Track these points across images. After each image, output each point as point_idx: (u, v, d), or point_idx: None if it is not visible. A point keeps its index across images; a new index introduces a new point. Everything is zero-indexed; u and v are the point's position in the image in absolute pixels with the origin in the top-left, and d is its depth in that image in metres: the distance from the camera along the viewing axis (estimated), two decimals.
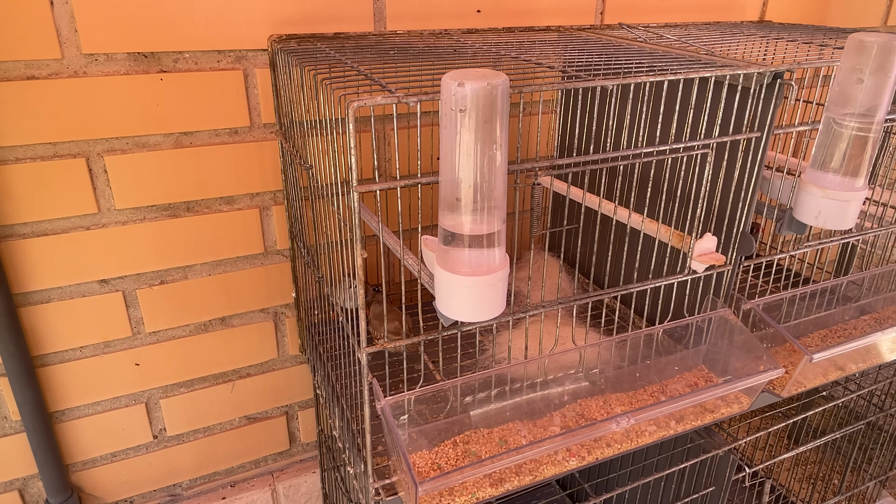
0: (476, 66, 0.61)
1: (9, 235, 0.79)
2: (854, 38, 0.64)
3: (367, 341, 0.59)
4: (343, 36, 0.84)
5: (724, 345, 0.77)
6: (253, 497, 1.08)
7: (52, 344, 0.86)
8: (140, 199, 0.84)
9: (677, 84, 0.65)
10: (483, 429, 0.68)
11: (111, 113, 0.79)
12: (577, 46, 0.79)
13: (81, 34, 0.74)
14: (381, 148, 0.95)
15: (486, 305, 0.54)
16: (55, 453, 0.90)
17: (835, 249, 1.31)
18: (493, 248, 0.52)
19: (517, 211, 1.06)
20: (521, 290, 0.89)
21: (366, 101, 0.49)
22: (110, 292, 0.87)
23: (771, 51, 0.79)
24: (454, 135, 0.47)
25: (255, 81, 0.85)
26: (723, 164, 0.70)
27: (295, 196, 0.84)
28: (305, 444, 1.13)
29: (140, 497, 1.02)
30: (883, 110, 0.65)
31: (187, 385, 0.98)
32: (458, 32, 0.90)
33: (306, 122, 0.69)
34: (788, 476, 1.34)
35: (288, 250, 0.96)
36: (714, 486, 0.88)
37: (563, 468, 0.66)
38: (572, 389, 0.73)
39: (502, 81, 0.46)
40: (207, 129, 0.85)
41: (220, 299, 0.94)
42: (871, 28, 1.32)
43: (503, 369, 0.69)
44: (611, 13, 1.05)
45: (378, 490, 0.65)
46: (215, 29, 0.80)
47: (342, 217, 0.60)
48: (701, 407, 0.74)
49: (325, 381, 0.84)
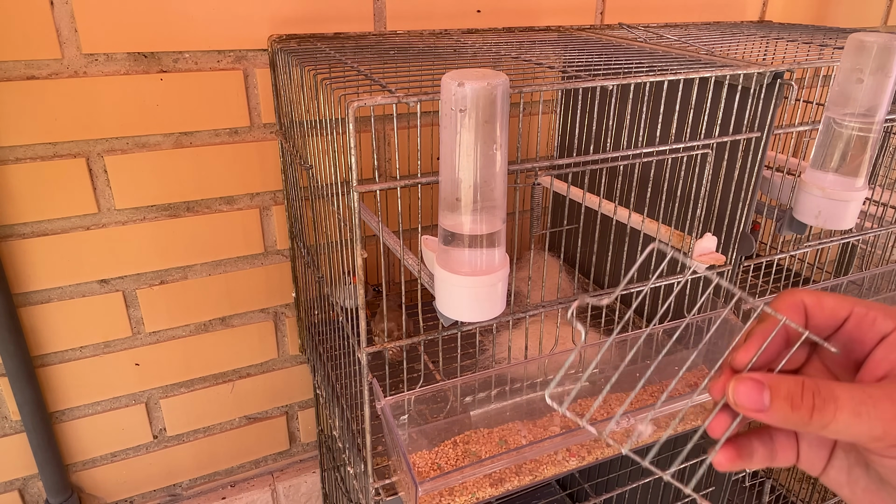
0: (476, 66, 0.61)
1: (9, 235, 0.79)
2: (854, 38, 0.64)
3: (367, 341, 0.59)
4: (343, 36, 0.84)
5: (724, 345, 0.77)
6: (253, 497, 1.08)
7: (52, 344, 0.86)
8: (140, 199, 0.84)
9: (677, 84, 0.65)
10: (483, 429, 0.68)
11: (111, 113, 0.79)
12: (577, 46, 0.79)
13: (81, 34, 0.74)
14: (381, 148, 0.95)
15: (486, 305, 0.54)
16: (55, 453, 0.90)
17: (835, 249, 1.31)
18: (493, 248, 0.52)
19: (517, 211, 1.06)
20: (521, 290, 0.89)
21: (366, 101, 0.49)
22: (110, 292, 0.87)
23: (771, 51, 0.79)
24: (454, 135, 0.47)
25: (255, 81, 0.85)
26: (723, 164, 0.70)
27: (295, 196, 0.84)
28: (305, 444, 1.13)
29: (140, 497, 1.02)
30: (883, 110, 0.65)
31: (187, 385, 0.98)
32: (458, 32, 0.90)
33: (306, 122, 0.69)
34: (788, 476, 1.34)
35: (288, 250, 0.96)
36: (714, 486, 0.88)
37: (563, 468, 0.66)
38: (572, 389, 0.73)
39: (502, 81, 0.46)
40: (207, 129, 0.85)
41: (220, 299, 0.94)
42: (871, 28, 1.32)
43: (503, 369, 0.69)
44: (611, 13, 1.05)
45: (378, 490, 0.65)
46: (215, 29, 0.80)
47: (342, 217, 0.60)
48: (701, 407, 0.74)
49: (325, 381, 0.84)
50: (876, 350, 0.30)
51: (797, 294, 0.31)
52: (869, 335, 0.30)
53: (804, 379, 0.28)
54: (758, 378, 0.28)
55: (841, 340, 0.31)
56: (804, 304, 0.31)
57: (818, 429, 0.27)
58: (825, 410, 0.27)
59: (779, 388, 0.28)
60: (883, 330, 0.30)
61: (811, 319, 0.31)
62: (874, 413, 0.26)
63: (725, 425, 0.31)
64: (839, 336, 0.31)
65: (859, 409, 0.26)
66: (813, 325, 0.31)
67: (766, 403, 0.28)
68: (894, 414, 0.26)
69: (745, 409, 0.28)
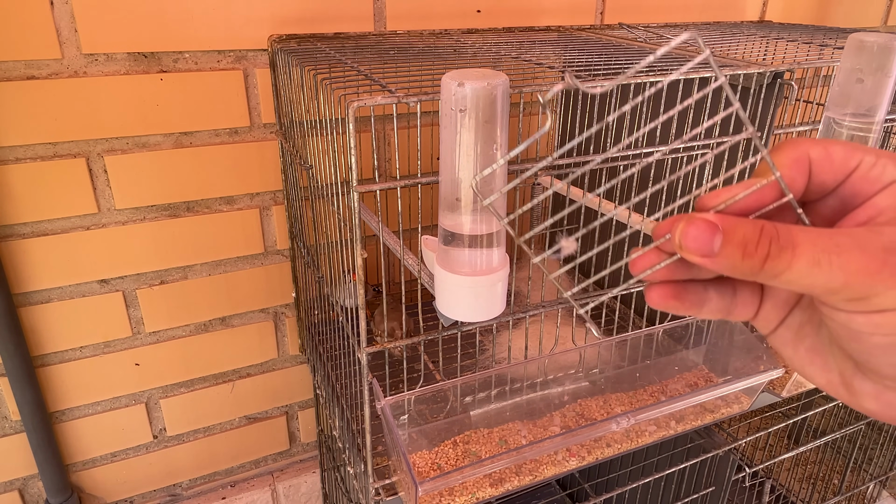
0: (476, 66, 0.61)
1: (9, 235, 0.79)
2: (854, 38, 0.64)
3: (367, 341, 0.59)
4: (343, 36, 0.84)
5: (724, 345, 0.77)
6: (253, 497, 1.08)
7: (52, 344, 0.86)
8: (140, 199, 0.84)
9: (677, 84, 0.65)
10: (483, 429, 0.68)
11: (111, 113, 0.79)
12: (577, 46, 0.79)
13: (81, 34, 0.74)
14: (381, 148, 0.95)
15: (486, 305, 0.54)
16: (55, 453, 0.90)
17: None
18: (492, 248, 0.52)
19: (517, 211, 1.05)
20: (521, 290, 0.89)
21: (366, 101, 0.49)
22: (110, 292, 0.87)
23: (771, 51, 0.79)
24: (454, 135, 0.47)
25: (255, 81, 0.85)
26: (723, 164, 0.70)
27: (295, 196, 0.84)
28: (305, 444, 1.13)
29: (140, 497, 1.02)
30: (883, 110, 0.65)
31: (187, 385, 0.98)
32: (458, 32, 0.90)
33: (306, 122, 0.69)
34: (788, 476, 1.34)
35: (288, 250, 0.96)
36: (714, 486, 0.88)
37: (563, 468, 0.66)
38: (572, 389, 0.73)
39: (502, 81, 0.46)
40: (207, 129, 0.85)
41: (220, 299, 0.94)
42: (871, 28, 1.32)
43: (503, 369, 0.69)
44: (611, 13, 1.05)
45: (378, 490, 0.65)
46: (215, 29, 0.80)
47: (342, 217, 0.60)
48: (701, 407, 0.74)
49: (325, 381, 0.84)
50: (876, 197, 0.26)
51: (802, 145, 0.27)
52: (875, 185, 0.26)
53: (764, 223, 0.24)
54: (712, 220, 0.24)
55: (844, 195, 0.27)
56: (809, 158, 0.27)
57: (768, 278, 0.24)
58: (779, 258, 0.23)
59: (733, 233, 0.24)
60: (890, 177, 0.26)
61: (817, 175, 0.27)
62: (836, 262, 0.23)
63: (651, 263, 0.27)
64: (843, 190, 0.27)
65: (819, 258, 0.23)
66: (819, 181, 0.27)
67: (714, 249, 0.24)
68: (860, 266, 0.23)
69: (689, 252, 0.25)
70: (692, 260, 0.25)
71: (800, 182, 0.27)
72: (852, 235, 0.24)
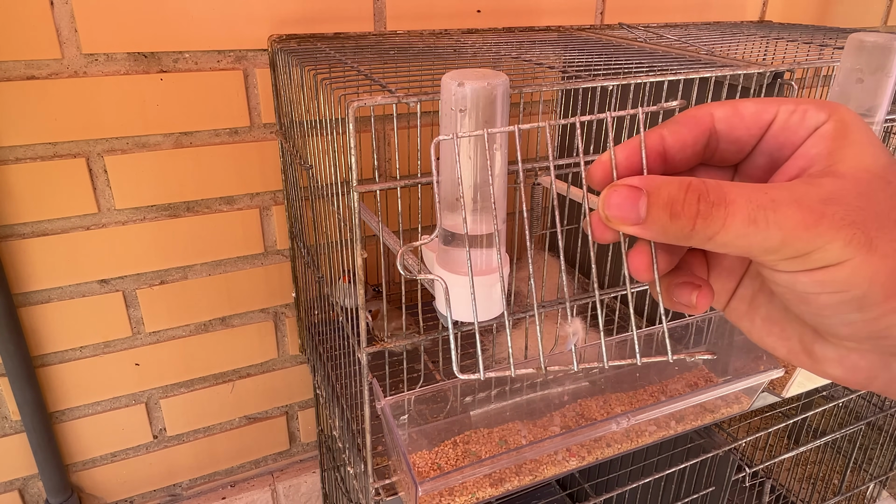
0: (476, 66, 0.61)
1: (9, 235, 0.79)
2: (854, 38, 0.64)
3: (367, 341, 0.59)
4: (343, 36, 0.84)
5: (724, 345, 0.77)
6: (253, 497, 1.08)
7: (52, 344, 0.86)
8: (140, 199, 0.84)
9: (677, 84, 0.65)
10: (483, 429, 0.68)
11: (111, 113, 0.79)
12: (577, 46, 0.79)
13: (81, 34, 0.74)
14: (381, 148, 0.95)
15: (486, 305, 0.54)
16: (55, 453, 0.90)
17: None
18: (492, 248, 0.52)
19: (517, 211, 1.06)
20: (521, 290, 0.89)
21: (366, 101, 0.49)
22: (110, 292, 0.87)
23: (771, 51, 0.79)
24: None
25: (255, 81, 0.85)
26: None
27: (295, 196, 0.84)
28: (305, 444, 1.13)
29: (140, 497, 1.02)
30: (883, 110, 0.65)
31: (187, 385, 0.98)
32: (458, 32, 0.90)
33: (306, 122, 0.69)
34: (788, 476, 1.34)
35: (288, 250, 0.96)
36: (714, 486, 0.88)
37: (563, 468, 0.66)
38: (572, 389, 0.73)
39: (502, 81, 0.46)
40: (207, 129, 0.85)
41: (220, 299, 0.94)
42: (871, 28, 1.32)
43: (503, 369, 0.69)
44: (611, 13, 1.05)
45: (378, 490, 0.65)
46: (215, 29, 0.80)
47: (342, 217, 0.60)
48: (701, 407, 0.74)
49: (325, 381, 0.84)
50: (803, 145, 0.24)
51: (705, 106, 0.26)
52: (798, 133, 0.24)
53: (692, 179, 0.22)
54: (634, 183, 0.23)
55: (770, 149, 0.25)
56: (711, 116, 0.25)
57: (702, 241, 0.22)
58: (712, 218, 0.21)
59: (658, 194, 0.22)
60: (814, 123, 0.24)
61: (729, 132, 0.25)
62: (773, 219, 0.21)
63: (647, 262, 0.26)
64: (766, 144, 0.25)
65: (755, 215, 0.21)
66: (733, 138, 0.26)
67: (641, 214, 0.22)
68: (797, 221, 0.21)
69: (616, 222, 0.23)
70: (624, 230, 0.23)
71: (686, 135, 0.26)
72: (788, 188, 0.22)
